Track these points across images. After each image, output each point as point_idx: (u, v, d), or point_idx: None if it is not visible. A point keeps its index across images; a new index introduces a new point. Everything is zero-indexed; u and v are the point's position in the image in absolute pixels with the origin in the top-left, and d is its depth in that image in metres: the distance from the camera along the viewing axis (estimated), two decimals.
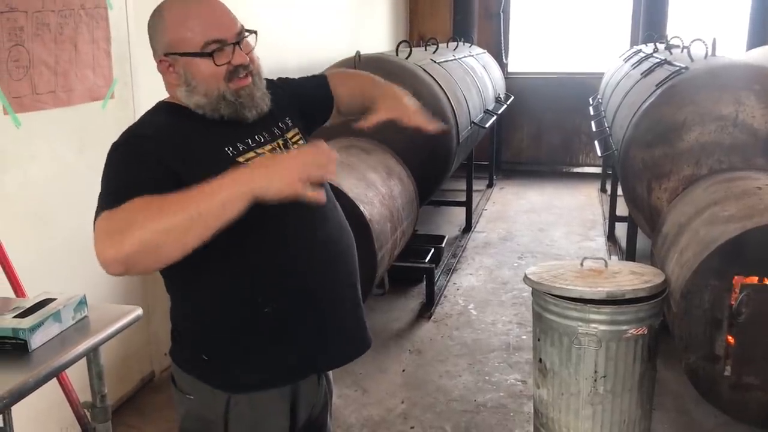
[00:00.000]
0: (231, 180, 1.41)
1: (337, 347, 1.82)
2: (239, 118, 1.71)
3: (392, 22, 8.68)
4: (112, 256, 1.37)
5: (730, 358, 2.85)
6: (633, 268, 3.23)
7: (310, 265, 1.74)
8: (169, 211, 1.38)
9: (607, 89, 6.68)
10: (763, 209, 2.94)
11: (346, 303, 1.83)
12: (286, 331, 1.72)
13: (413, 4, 9.32)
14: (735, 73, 3.91)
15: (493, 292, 5.09)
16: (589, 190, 8.26)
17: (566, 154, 9.20)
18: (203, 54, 1.64)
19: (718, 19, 8.69)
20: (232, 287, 1.68)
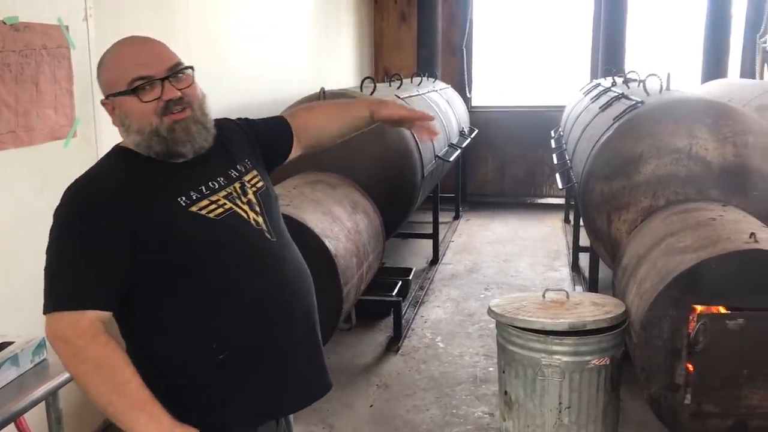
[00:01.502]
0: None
1: (295, 392, 1.81)
2: (172, 154, 1.72)
3: (357, 58, 8.80)
4: (61, 349, 1.55)
5: (690, 387, 2.90)
6: (594, 299, 3.29)
7: (266, 310, 1.74)
8: (102, 387, 1.53)
9: (567, 122, 6.83)
10: (717, 240, 3.02)
11: (304, 347, 1.83)
12: (242, 378, 1.71)
13: (378, 40, 9.47)
14: (688, 106, 4.03)
15: (460, 325, 5.11)
16: (553, 220, 8.39)
17: (530, 185, 9.35)
18: (128, 92, 1.69)
19: (674, 53, 8.97)
20: (185, 335, 1.68)
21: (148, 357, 1.65)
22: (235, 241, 1.73)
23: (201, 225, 1.69)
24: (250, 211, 1.79)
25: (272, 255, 1.78)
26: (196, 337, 1.68)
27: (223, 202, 1.74)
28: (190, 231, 1.68)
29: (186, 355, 1.68)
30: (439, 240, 6.90)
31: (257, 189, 1.85)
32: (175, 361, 1.68)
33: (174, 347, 1.68)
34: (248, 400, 1.72)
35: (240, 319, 1.71)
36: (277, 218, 1.88)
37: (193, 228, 1.68)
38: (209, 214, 1.71)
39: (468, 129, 7.99)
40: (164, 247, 1.65)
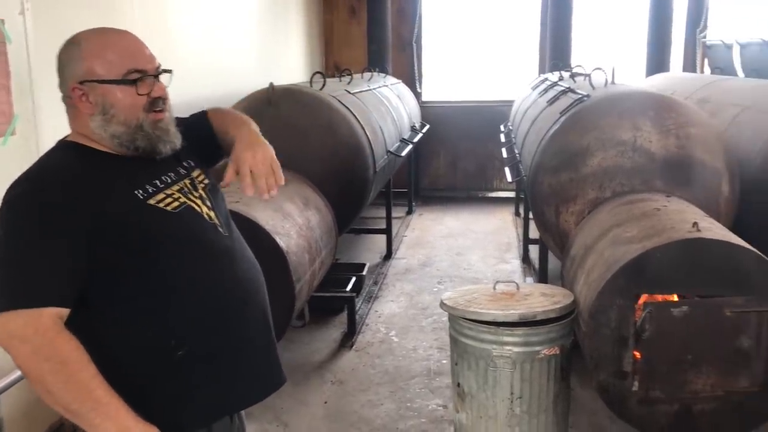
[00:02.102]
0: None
1: (251, 387, 1.80)
2: (154, 151, 1.71)
3: (307, 53, 8.74)
4: (17, 348, 1.50)
5: (637, 374, 2.96)
6: (544, 290, 3.34)
7: (223, 305, 1.72)
8: (66, 385, 1.50)
9: (516, 117, 6.91)
10: (662, 229, 3.10)
11: (259, 342, 1.83)
12: (200, 375, 1.69)
13: (328, 35, 9.42)
14: (632, 100, 4.11)
15: (413, 318, 5.14)
16: (503, 214, 8.49)
17: (481, 179, 9.44)
18: (125, 81, 1.65)
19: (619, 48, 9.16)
20: (143, 332, 1.65)
21: (105, 356, 1.61)
22: (192, 235, 1.71)
23: (159, 218, 1.67)
24: (202, 205, 1.78)
25: (226, 250, 1.77)
26: (154, 334, 1.65)
27: (177, 195, 1.73)
28: (148, 224, 1.66)
29: (144, 353, 1.65)
30: (393, 235, 6.91)
31: (205, 185, 1.85)
32: (133, 359, 1.65)
33: (132, 345, 1.65)
34: (205, 396, 1.71)
35: (197, 315, 1.69)
36: (226, 214, 1.88)
37: (151, 221, 1.66)
38: (167, 207, 1.69)
39: (419, 124, 8.02)
40: (122, 241, 1.61)
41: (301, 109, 4.65)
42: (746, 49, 6.94)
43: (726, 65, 7.39)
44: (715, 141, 3.94)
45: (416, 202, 8.97)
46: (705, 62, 8.61)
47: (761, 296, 2.87)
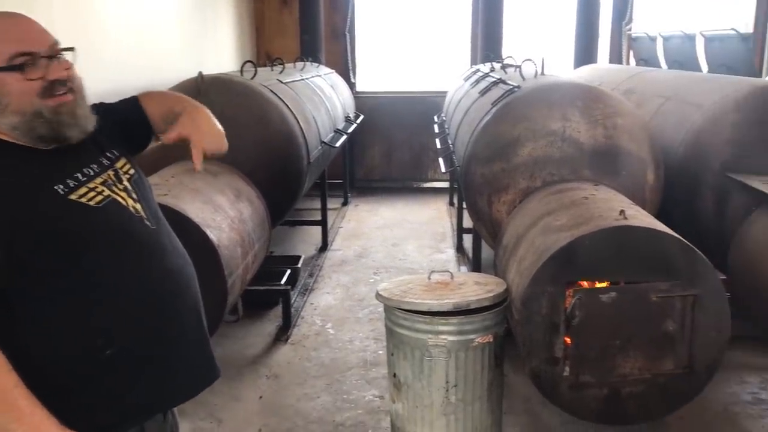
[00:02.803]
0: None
1: (184, 382, 1.76)
2: (59, 138, 1.62)
3: (238, 42, 8.57)
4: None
5: (568, 360, 3.02)
6: (477, 278, 3.37)
7: (153, 300, 1.67)
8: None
9: (450, 107, 6.96)
10: (590, 218, 3.16)
11: (192, 335, 1.78)
12: (131, 373, 1.64)
13: (259, 24, 9.26)
14: (561, 91, 4.19)
15: (349, 310, 5.12)
16: (438, 204, 8.55)
17: (416, 170, 9.49)
18: (11, 68, 1.54)
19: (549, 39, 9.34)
20: (68, 333, 1.58)
21: (27, 360, 1.53)
22: (118, 230, 1.65)
23: (82, 213, 1.60)
24: (128, 198, 1.71)
25: (155, 243, 1.71)
26: (80, 333, 1.59)
27: (101, 189, 1.66)
28: (70, 220, 1.58)
29: (71, 353, 1.59)
30: (328, 226, 6.87)
31: (130, 176, 1.78)
32: (61, 360, 1.58)
33: (56, 347, 1.58)
34: (138, 394, 1.66)
35: (126, 312, 1.63)
36: (154, 206, 1.81)
37: (73, 217, 1.59)
38: (89, 202, 1.62)
39: (354, 114, 7.98)
40: (43, 239, 1.54)
41: (231, 99, 4.55)
42: (669, 42, 7.16)
43: (650, 57, 7.61)
44: (640, 131, 4.05)
45: (352, 193, 8.95)
46: (631, 54, 8.86)
47: (685, 281, 2.97)
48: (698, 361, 3.02)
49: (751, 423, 3.60)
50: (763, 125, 3.89)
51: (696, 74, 5.89)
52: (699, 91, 4.66)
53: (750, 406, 3.75)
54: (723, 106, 4.10)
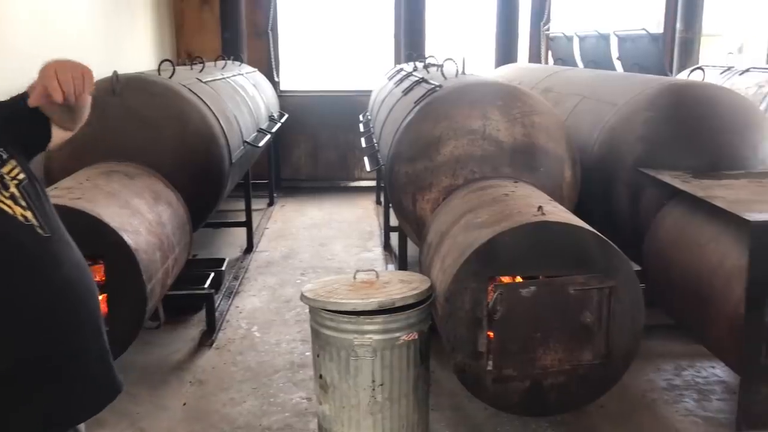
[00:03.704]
0: None
1: (83, 399, 1.68)
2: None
3: (157, 40, 8.34)
4: None
5: (492, 354, 3.07)
6: (402, 276, 3.38)
7: (49, 313, 1.59)
8: None
9: (374, 106, 6.98)
10: (510, 214, 3.22)
11: (92, 350, 1.70)
12: (28, 390, 1.56)
13: (179, 22, 9.05)
14: (481, 90, 4.26)
15: (276, 312, 5.06)
16: (366, 203, 8.56)
17: (343, 169, 9.47)
18: None
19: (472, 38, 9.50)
20: None
21: None
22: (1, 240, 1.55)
23: None
24: (14, 205, 1.60)
25: (49, 254, 1.62)
26: None
27: None
28: None
29: None
30: (254, 228, 6.77)
31: (19, 181, 1.67)
32: None
33: None
34: (36, 411, 1.58)
35: (20, 327, 1.54)
36: (49, 213, 1.71)
37: None
38: None
39: (278, 114, 7.90)
40: None
41: (148, 99, 4.42)
42: (585, 42, 7.39)
43: (567, 56, 7.84)
44: (557, 129, 4.15)
45: (278, 194, 8.86)
46: (549, 54, 9.09)
47: (601, 273, 3.07)
48: (615, 351, 3.13)
49: (667, 408, 3.74)
50: (672, 122, 4.06)
51: (610, 73, 6.09)
52: (613, 89, 4.83)
53: (666, 393, 3.90)
54: (635, 104, 4.26)
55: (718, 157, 3.97)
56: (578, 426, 3.51)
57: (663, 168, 3.97)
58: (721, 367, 4.04)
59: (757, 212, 3.03)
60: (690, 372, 4.10)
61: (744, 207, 3.11)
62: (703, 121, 4.04)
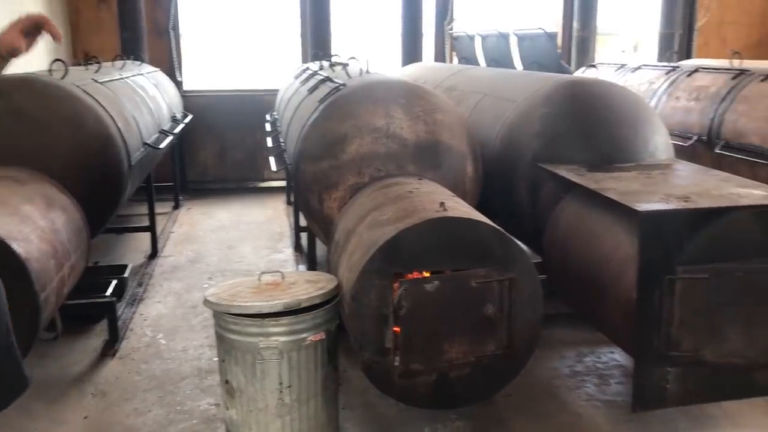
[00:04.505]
0: None
1: None
2: None
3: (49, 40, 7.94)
4: None
5: (398, 350, 3.10)
6: (309, 277, 3.37)
7: None
8: None
9: (281, 105, 6.91)
10: (413, 211, 3.26)
11: None
12: None
13: (74, 20, 8.67)
14: (385, 88, 4.28)
15: (183, 318, 4.93)
16: (276, 203, 8.48)
17: (252, 169, 9.33)
18: None
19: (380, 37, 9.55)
20: None
21: None
22: None
23: None
24: None
25: None
26: None
27: None
28: None
29: None
30: (158, 232, 6.58)
31: None
32: None
33: None
34: None
35: None
36: None
37: None
38: None
39: (181, 114, 7.71)
40: None
41: (38, 101, 4.21)
42: (486, 41, 7.57)
43: (471, 55, 8.00)
44: (459, 126, 4.23)
45: (184, 196, 8.64)
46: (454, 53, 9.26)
47: (501, 266, 3.14)
48: (517, 341, 3.21)
49: (570, 394, 3.88)
50: (566, 117, 4.20)
51: (510, 71, 6.26)
52: (512, 87, 4.96)
53: (569, 379, 4.04)
54: (532, 101, 4.39)
55: (611, 151, 4.14)
56: (485, 416, 3.59)
57: (560, 162, 4.10)
58: (619, 352, 4.22)
59: (645, 203, 3.17)
60: (591, 358, 4.27)
61: (634, 198, 3.26)
62: (596, 116, 4.20)
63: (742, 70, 5.98)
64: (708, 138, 5.84)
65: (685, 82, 6.51)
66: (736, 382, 3.25)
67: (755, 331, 3.18)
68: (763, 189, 3.47)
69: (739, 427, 3.50)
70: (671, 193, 3.34)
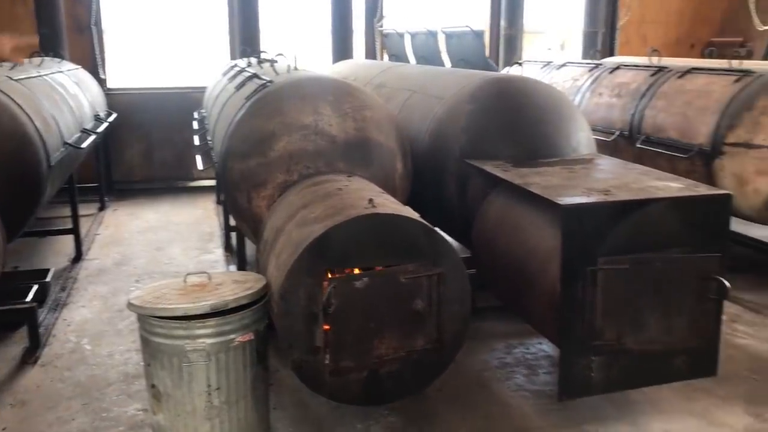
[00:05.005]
0: None
1: None
2: None
3: None
4: None
5: (329, 348, 3.09)
6: (236, 277, 3.31)
7: None
8: None
9: (209, 103, 6.79)
10: (342, 208, 3.25)
11: None
12: None
13: None
14: (312, 85, 4.25)
15: (109, 322, 4.79)
16: (206, 203, 8.32)
17: (180, 169, 9.11)
18: None
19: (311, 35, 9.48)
20: None
21: None
22: None
23: None
24: None
25: None
26: None
27: None
28: None
29: None
30: (82, 234, 6.37)
31: None
32: None
33: None
34: None
35: None
36: None
37: None
38: None
39: (105, 113, 7.47)
40: None
41: None
42: (415, 38, 7.62)
43: (400, 52, 8.04)
44: (388, 123, 4.24)
45: (110, 197, 8.39)
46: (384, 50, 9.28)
47: (429, 261, 3.17)
48: (446, 335, 3.25)
49: (500, 385, 3.95)
50: (492, 114, 4.27)
51: (439, 69, 6.32)
52: (440, 84, 5.01)
53: (498, 371, 4.11)
54: (459, 98, 4.44)
55: (535, 147, 4.23)
56: (417, 410, 3.62)
57: (487, 158, 4.17)
58: (547, 342, 4.32)
59: (567, 196, 3.26)
60: (520, 349, 4.35)
61: (556, 192, 3.34)
62: (520, 113, 4.28)
63: (661, 67, 6.21)
64: (629, 133, 6.05)
65: (608, 79, 6.71)
66: (656, 368, 3.39)
67: (673, 318, 3.31)
68: (679, 181, 3.61)
69: (661, 411, 3.63)
70: (592, 186, 3.44)
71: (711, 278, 3.27)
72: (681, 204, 3.30)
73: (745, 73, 5.28)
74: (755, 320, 4.77)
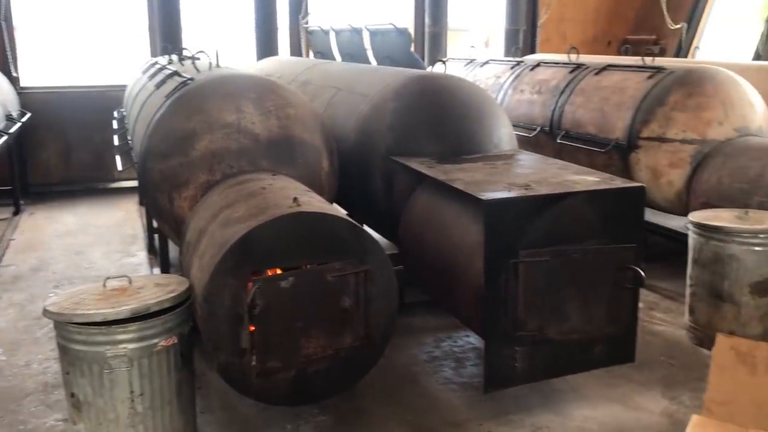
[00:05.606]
0: None
1: None
2: None
3: None
4: None
5: (255, 349, 3.05)
6: (158, 280, 3.24)
7: None
8: None
9: (128, 102, 6.60)
10: (266, 207, 3.22)
11: None
12: None
13: None
14: (235, 83, 4.19)
15: (25, 331, 4.60)
16: (128, 204, 8.09)
17: (101, 170, 8.80)
18: None
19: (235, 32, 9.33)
20: None
21: None
22: None
23: None
24: None
25: None
26: None
27: None
28: None
29: None
30: None
31: None
32: None
33: None
34: None
35: None
36: None
37: None
38: None
39: (18, 113, 7.16)
40: None
41: None
42: (340, 35, 7.60)
43: (326, 50, 8.00)
44: (312, 120, 4.22)
45: (26, 201, 8.04)
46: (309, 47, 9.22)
47: (356, 258, 3.17)
48: (374, 331, 3.26)
49: (428, 379, 3.99)
50: (416, 111, 4.31)
51: (364, 66, 6.33)
52: (365, 82, 5.02)
53: (427, 365, 4.16)
54: (384, 95, 4.47)
55: (459, 143, 4.29)
56: (347, 407, 3.62)
57: (412, 155, 4.20)
58: (473, 335, 4.40)
59: (489, 192, 3.32)
60: (448, 343, 4.42)
61: (478, 188, 3.40)
62: (444, 110, 4.33)
63: (579, 65, 6.40)
64: (550, 128, 6.21)
65: (529, 76, 6.87)
66: (578, 357, 3.50)
67: (592, 308, 3.42)
68: (596, 175, 3.74)
69: (584, 398, 3.74)
70: (513, 182, 3.51)
71: (627, 268, 3.40)
72: (597, 197, 3.41)
73: (658, 70, 5.50)
74: (671, 307, 4.98)
